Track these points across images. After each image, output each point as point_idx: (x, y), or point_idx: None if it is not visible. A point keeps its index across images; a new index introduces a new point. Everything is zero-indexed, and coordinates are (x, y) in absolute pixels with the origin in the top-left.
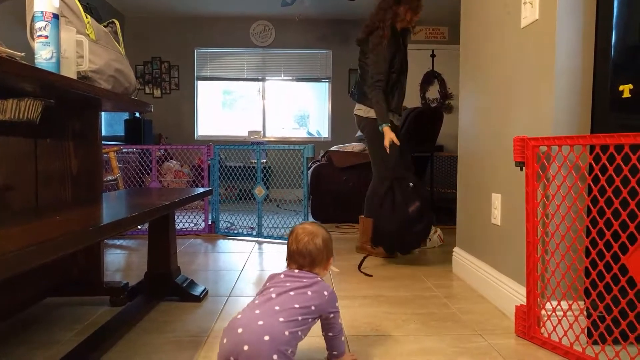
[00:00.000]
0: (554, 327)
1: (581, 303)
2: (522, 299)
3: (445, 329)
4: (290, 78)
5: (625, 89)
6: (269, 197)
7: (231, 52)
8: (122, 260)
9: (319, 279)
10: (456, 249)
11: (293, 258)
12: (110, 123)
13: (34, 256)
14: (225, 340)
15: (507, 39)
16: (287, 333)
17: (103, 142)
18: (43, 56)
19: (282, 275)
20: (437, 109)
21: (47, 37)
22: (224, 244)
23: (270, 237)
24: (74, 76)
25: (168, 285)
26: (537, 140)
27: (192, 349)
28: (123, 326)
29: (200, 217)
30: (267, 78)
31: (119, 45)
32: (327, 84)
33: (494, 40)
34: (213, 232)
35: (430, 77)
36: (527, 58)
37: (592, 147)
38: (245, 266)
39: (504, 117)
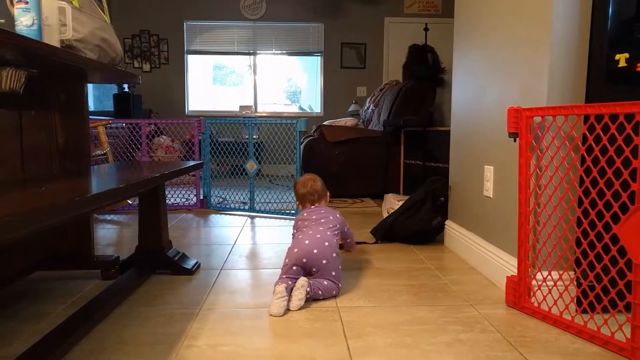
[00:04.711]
0: (544, 297)
1: (571, 273)
2: (512, 270)
3: (437, 299)
4: (282, 52)
5: (622, 58)
6: (261, 173)
7: (221, 25)
8: (113, 235)
9: (329, 207)
10: (448, 222)
11: (305, 198)
12: (99, 98)
13: (17, 225)
14: (296, 250)
15: (502, 7)
16: (335, 240)
17: (92, 117)
18: (23, 23)
19: (305, 214)
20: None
21: (27, 2)
22: (216, 219)
23: (263, 212)
24: (57, 44)
25: (159, 259)
26: (531, 111)
27: (184, 321)
28: (114, 299)
29: (191, 192)
30: (258, 52)
31: (104, 14)
32: (319, 57)
33: (489, 8)
34: (205, 207)
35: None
36: (523, 27)
37: (587, 117)
38: (238, 240)
39: (498, 88)
